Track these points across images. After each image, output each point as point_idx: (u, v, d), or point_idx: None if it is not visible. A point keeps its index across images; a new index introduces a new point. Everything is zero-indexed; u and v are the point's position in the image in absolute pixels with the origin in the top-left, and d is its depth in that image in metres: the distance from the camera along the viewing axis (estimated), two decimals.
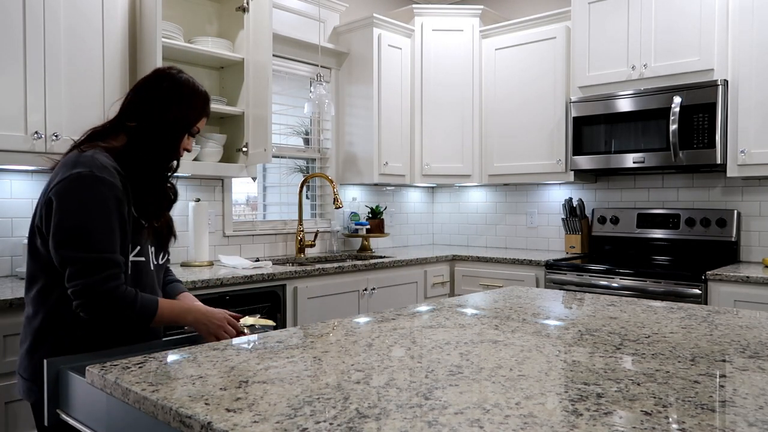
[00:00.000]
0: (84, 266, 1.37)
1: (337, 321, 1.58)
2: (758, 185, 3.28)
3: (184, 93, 1.60)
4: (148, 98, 1.57)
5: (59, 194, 1.40)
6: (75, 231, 1.37)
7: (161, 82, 1.59)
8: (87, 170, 1.40)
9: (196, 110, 1.61)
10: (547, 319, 1.61)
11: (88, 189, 1.39)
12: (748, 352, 1.25)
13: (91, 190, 1.39)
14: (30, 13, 2.32)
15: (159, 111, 1.55)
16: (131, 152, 1.53)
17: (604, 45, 3.39)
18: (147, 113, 1.55)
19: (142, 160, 1.54)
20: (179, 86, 1.60)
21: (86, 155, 1.45)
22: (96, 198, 1.40)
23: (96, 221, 1.39)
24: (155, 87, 1.58)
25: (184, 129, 1.60)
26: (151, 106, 1.55)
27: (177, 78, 1.61)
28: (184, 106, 1.59)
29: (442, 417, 0.86)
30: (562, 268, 3.32)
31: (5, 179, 2.58)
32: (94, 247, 1.38)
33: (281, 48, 3.60)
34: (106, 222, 1.40)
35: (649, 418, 0.86)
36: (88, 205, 1.39)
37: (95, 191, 1.40)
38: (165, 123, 1.56)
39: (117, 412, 1.08)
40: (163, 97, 1.57)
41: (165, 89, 1.58)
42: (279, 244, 3.65)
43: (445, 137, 4.02)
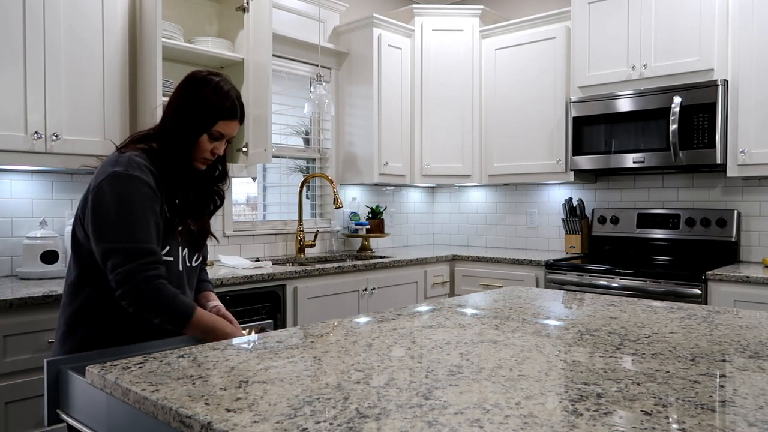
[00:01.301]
0: (124, 255, 1.41)
1: (337, 321, 1.58)
2: (758, 185, 3.28)
3: (199, 91, 1.59)
4: (171, 101, 1.60)
5: (96, 192, 1.46)
6: (113, 224, 1.43)
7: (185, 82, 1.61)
8: (122, 169, 1.46)
9: (209, 110, 1.58)
10: (547, 319, 1.61)
11: (123, 186, 1.45)
12: (748, 352, 1.25)
13: (127, 187, 1.45)
14: (30, 13, 2.32)
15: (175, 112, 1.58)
16: (160, 153, 1.57)
17: (604, 45, 3.39)
18: (168, 116, 1.59)
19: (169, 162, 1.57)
20: (197, 85, 1.60)
21: (123, 156, 1.51)
22: (131, 193, 1.45)
23: (133, 214, 1.44)
24: (180, 88, 1.61)
25: (198, 129, 1.58)
26: (171, 108, 1.59)
27: (200, 78, 1.61)
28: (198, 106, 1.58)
29: (442, 417, 0.86)
30: (562, 268, 3.32)
31: (5, 179, 2.58)
32: (133, 237, 1.43)
33: (281, 48, 3.60)
34: (143, 215, 1.45)
35: (649, 418, 0.86)
36: (125, 200, 1.44)
37: (130, 187, 1.45)
38: (177, 125, 1.58)
39: (117, 412, 1.08)
40: (181, 97, 1.59)
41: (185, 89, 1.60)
42: (279, 244, 3.65)
43: (445, 137, 4.02)
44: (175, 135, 1.58)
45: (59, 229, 2.71)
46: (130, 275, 1.41)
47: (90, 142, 2.50)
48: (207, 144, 1.60)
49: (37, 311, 2.05)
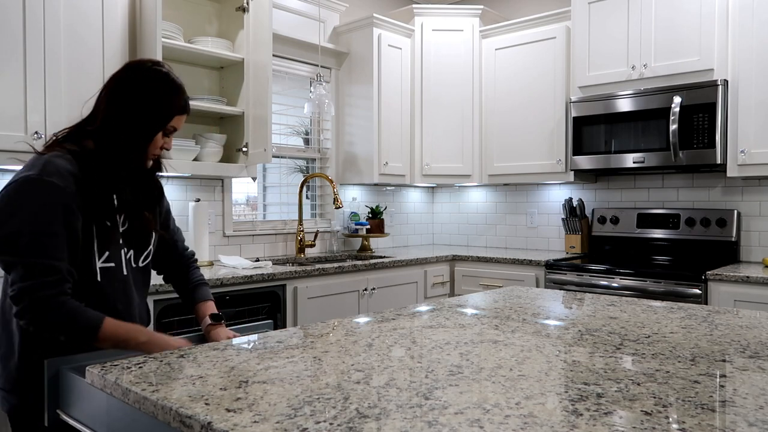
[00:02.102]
0: (24, 271, 1.31)
1: (337, 321, 1.58)
2: (758, 185, 3.28)
3: (153, 87, 1.47)
4: (116, 95, 1.46)
5: (4, 197, 1.34)
6: (12, 236, 1.31)
7: (130, 75, 1.48)
8: (35, 174, 1.34)
9: (167, 106, 1.48)
10: (547, 319, 1.61)
11: (32, 193, 1.33)
12: (748, 352, 1.25)
13: (35, 195, 1.33)
14: (30, 14, 2.32)
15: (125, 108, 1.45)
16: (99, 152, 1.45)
17: (604, 45, 3.39)
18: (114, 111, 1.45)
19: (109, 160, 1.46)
20: (148, 80, 1.47)
21: (42, 158, 1.39)
22: (39, 202, 1.33)
23: (36, 225, 1.32)
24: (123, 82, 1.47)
25: (156, 126, 1.48)
26: (117, 103, 1.45)
27: (147, 71, 1.48)
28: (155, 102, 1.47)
29: (442, 417, 0.86)
30: (562, 268, 3.32)
31: (5, 179, 2.58)
32: (32, 252, 1.31)
33: (281, 48, 3.60)
34: (48, 227, 1.33)
35: (649, 418, 0.86)
36: (29, 209, 1.32)
37: (39, 195, 1.33)
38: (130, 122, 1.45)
39: (117, 412, 1.08)
40: (130, 92, 1.46)
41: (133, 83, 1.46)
42: (279, 244, 3.65)
43: (445, 137, 4.02)
44: (129, 133, 1.45)
45: None
46: (26, 293, 1.30)
47: None
48: (160, 140, 1.51)
49: None
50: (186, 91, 1.54)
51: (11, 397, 1.45)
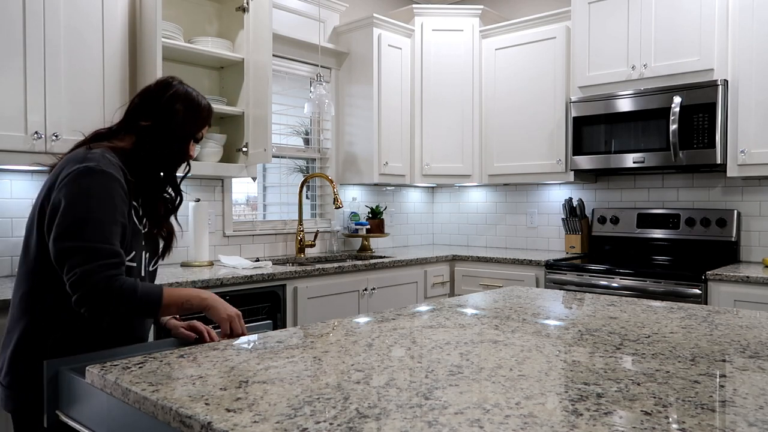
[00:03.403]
0: (82, 255, 1.33)
1: (337, 321, 1.58)
2: (758, 185, 3.28)
3: (190, 101, 1.63)
4: (157, 103, 1.58)
5: (66, 186, 1.38)
6: (77, 222, 1.35)
7: (167, 89, 1.61)
8: (95, 164, 1.40)
9: (201, 119, 1.64)
10: (547, 319, 1.61)
11: (96, 182, 1.39)
12: (748, 352, 1.25)
13: (99, 183, 1.39)
14: (30, 14, 2.32)
15: (168, 116, 1.57)
16: (140, 152, 1.55)
17: (604, 45, 3.39)
18: (157, 117, 1.57)
19: (152, 161, 1.56)
20: (184, 95, 1.62)
21: (95, 152, 1.45)
22: (103, 191, 1.39)
23: (100, 212, 1.37)
24: (162, 94, 1.60)
25: (190, 135, 1.63)
26: (160, 110, 1.57)
27: (181, 88, 1.64)
28: (190, 114, 1.61)
29: (442, 417, 0.86)
30: (562, 268, 3.32)
31: (5, 179, 2.58)
32: (94, 236, 1.35)
33: (281, 48, 3.60)
34: (110, 215, 1.39)
35: (649, 418, 0.86)
36: (95, 197, 1.38)
37: (103, 184, 1.39)
38: (174, 127, 1.58)
39: (117, 413, 1.08)
40: (171, 103, 1.59)
41: (172, 96, 1.60)
42: (279, 244, 3.65)
43: (445, 137, 4.02)
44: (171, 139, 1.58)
45: None
46: (85, 276, 1.32)
47: None
48: (191, 148, 1.65)
49: None
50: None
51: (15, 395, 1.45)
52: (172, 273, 2.68)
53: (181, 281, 2.42)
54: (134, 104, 1.61)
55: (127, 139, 1.57)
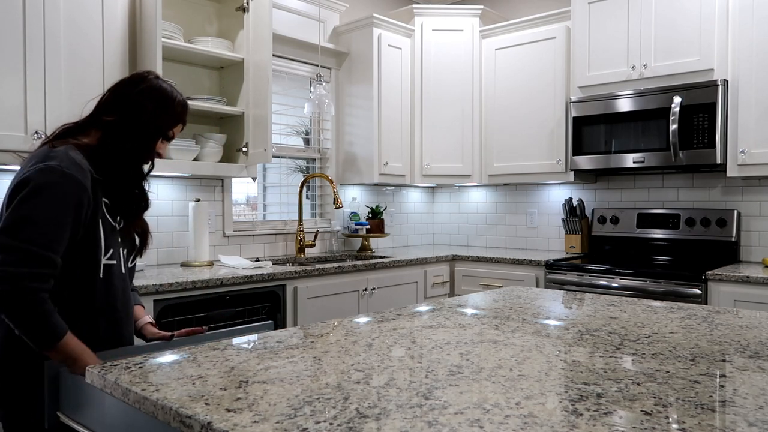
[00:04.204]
0: (16, 255, 1.28)
1: (337, 321, 1.58)
2: (758, 185, 3.28)
3: (162, 97, 1.58)
4: (126, 98, 1.54)
5: (21, 184, 1.34)
6: (21, 220, 1.30)
7: (139, 84, 1.57)
8: (56, 164, 1.36)
9: (173, 116, 1.59)
10: (547, 319, 1.61)
11: (52, 183, 1.34)
12: (748, 352, 1.25)
13: (55, 185, 1.34)
14: (30, 14, 2.32)
15: (136, 111, 1.53)
16: (105, 149, 1.51)
17: (604, 45, 3.39)
18: (124, 112, 1.53)
19: (116, 158, 1.51)
20: (157, 90, 1.58)
21: (59, 150, 1.41)
22: (57, 193, 1.34)
23: (48, 213, 1.32)
24: (133, 88, 1.56)
25: (159, 132, 1.58)
26: (128, 105, 1.53)
27: (155, 83, 1.59)
28: (161, 110, 1.56)
29: (442, 417, 0.86)
30: (562, 268, 3.32)
31: (5, 179, 2.58)
32: (35, 240, 1.30)
33: (281, 48, 3.60)
34: (58, 220, 1.34)
35: (649, 418, 0.86)
36: (46, 198, 1.33)
37: (58, 187, 1.34)
38: (141, 123, 1.54)
39: (117, 412, 1.08)
40: (140, 98, 1.55)
41: (143, 91, 1.56)
42: (279, 244, 3.65)
43: (445, 137, 4.02)
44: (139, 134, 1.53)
45: None
46: (13, 278, 1.27)
47: None
48: (161, 146, 1.61)
49: None
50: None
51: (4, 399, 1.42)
52: (172, 273, 2.69)
53: (181, 281, 2.42)
54: (104, 98, 1.57)
55: (93, 134, 1.54)
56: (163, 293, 2.38)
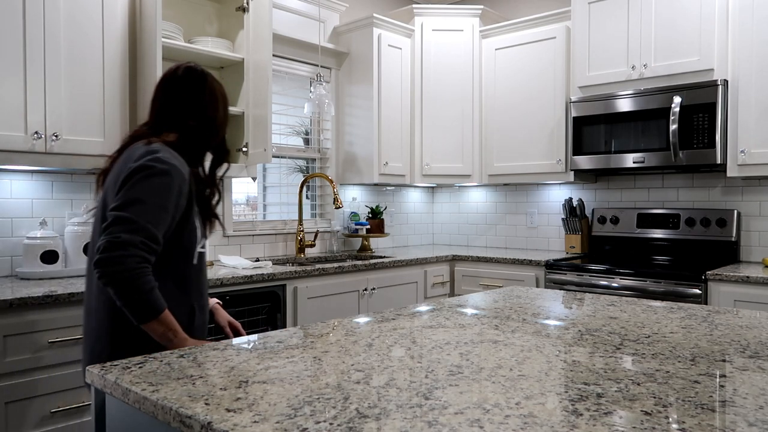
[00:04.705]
0: (128, 226, 1.39)
1: (337, 321, 1.58)
2: (758, 185, 3.28)
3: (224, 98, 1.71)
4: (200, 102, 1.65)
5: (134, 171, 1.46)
6: (132, 201, 1.42)
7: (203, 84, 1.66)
8: (162, 156, 1.49)
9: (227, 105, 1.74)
10: (547, 319, 1.61)
11: (159, 171, 1.46)
12: (748, 352, 1.25)
13: (162, 173, 1.46)
14: (30, 14, 2.32)
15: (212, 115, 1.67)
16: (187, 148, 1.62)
17: (604, 45, 3.39)
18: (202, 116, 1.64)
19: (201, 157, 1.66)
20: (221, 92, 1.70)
21: (157, 146, 1.53)
22: (163, 181, 1.46)
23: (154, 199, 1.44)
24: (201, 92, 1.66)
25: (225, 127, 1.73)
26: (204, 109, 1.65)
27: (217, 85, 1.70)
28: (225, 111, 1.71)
29: (442, 417, 0.86)
30: (562, 268, 3.32)
31: (5, 179, 2.58)
32: (143, 216, 1.41)
33: (281, 48, 3.60)
34: (163, 204, 1.45)
35: (649, 418, 0.86)
36: (154, 184, 1.45)
37: (165, 175, 1.47)
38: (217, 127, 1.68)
39: (117, 412, 1.08)
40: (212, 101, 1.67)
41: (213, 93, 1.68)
42: (279, 244, 3.65)
43: (445, 137, 4.02)
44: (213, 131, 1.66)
45: (59, 229, 2.71)
46: (126, 245, 1.36)
47: (90, 142, 2.50)
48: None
49: (37, 311, 2.05)
50: None
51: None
52: None
53: None
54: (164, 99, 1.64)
55: (170, 135, 1.62)
56: None
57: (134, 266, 1.37)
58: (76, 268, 2.56)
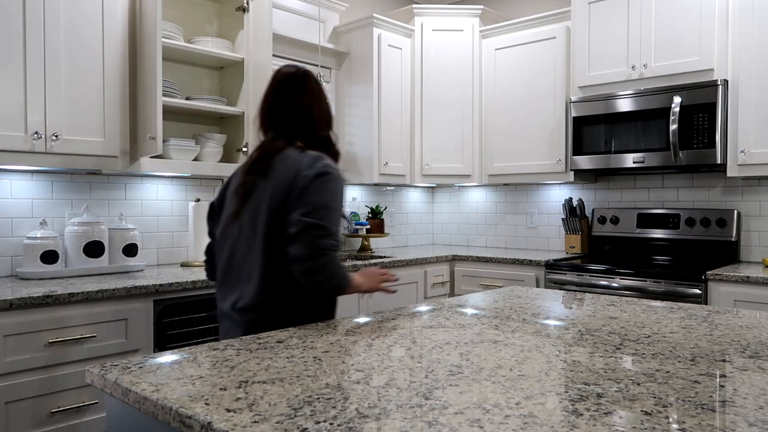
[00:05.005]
0: (331, 236, 1.59)
1: (337, 321, 1.58)
2: (758, 185, 3.28)
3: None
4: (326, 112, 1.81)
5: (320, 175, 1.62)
6: (324, 206, 1.59)
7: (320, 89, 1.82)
8: (332, 164, 1.68)
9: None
10: (547, 319, 1.61)
11: (336, 178, 1.66)
12: (748, 352, 1.25)
13: (337, 180, 1.66)
14: (30, 14, 2.32)
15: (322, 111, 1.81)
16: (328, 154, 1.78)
17: (604, 45, 3.39)
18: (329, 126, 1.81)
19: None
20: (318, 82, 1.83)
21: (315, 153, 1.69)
22: (339, 186, 1.66)
23: (335, 204, 1.63)
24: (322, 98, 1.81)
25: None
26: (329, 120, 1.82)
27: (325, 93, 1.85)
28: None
29: (442, 417, 0.86)
30: (562, 268, 3.32)
31: (5, 179, 2.58)
32: (332, 222, 1.61)
33: (281, 48, 3.60)
34: (338, 207, 1.65)
35: (649, 418, 0.86)
36: (335, 190, 1.64)
37: (339, 182, 1.66)
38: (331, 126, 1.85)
39: (117, 412, 1.08)
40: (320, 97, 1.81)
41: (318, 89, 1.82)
42: None
43: (445, 137, 4.02)
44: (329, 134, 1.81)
45: (59, 229, 2.71)
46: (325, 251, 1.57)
47: (90, 142, 2.50)
48: None
49: (37, 311, 2.05)
50: None
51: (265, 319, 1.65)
52: (172, 273, 2.69)
53: (181, 281, 2.42)
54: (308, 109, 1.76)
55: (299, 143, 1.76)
56: (163, 293, 2.38)
57: (335, 269, 1.59)
58: (76, 268, 2.56)
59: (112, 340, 2.22)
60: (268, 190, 1.64)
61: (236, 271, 1.68)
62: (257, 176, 1.68)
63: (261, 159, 1.71)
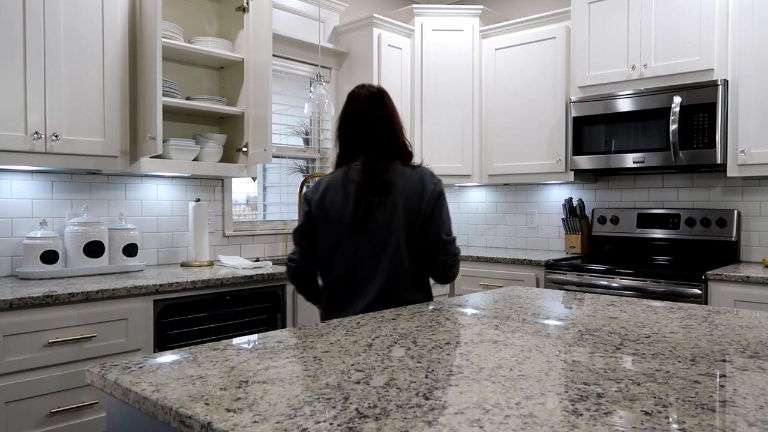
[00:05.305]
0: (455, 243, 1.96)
1: (337, 321, 1.58)
2: (758, 185, 3.28)
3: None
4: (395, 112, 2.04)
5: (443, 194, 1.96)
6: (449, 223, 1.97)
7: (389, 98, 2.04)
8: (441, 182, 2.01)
9: None
10: (547, 319, 1.61)
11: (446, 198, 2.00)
12: (748, 352, 1.25)
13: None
14: (30, 14, 2.32)
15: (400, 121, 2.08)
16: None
17: (604, 45, 3.39)
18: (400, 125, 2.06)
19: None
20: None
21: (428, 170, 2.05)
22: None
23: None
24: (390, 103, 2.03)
25: None
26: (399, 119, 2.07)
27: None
28: None
29: (442, 417, 0.86)
30: (562, 268, 3.32)
31: (5, 179, 2.58)
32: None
33: (281, 48, 3.60)
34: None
35: (649, 418, 0.86)
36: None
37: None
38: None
39: (117, 412, 1.08)
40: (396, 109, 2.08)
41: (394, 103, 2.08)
42: (279, 244, 3.65)
43: (445, 137, 4.02)
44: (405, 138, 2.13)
45: (59, 229, 2.71)
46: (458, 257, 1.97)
47: (90, 142, 2.50)
48: None
49: (37, 311, 2.05)
50: None
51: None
52: (172, 273, 2.69)
53: (181, 281, 2.42)
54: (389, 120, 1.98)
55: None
56: (163, 293, 2.38)
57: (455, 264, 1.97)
58: (76, 268, 2.56)
59: (112, 340, 2.23)
60: (400, 203, 1.88)
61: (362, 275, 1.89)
62: (378, 193, 1.87)
63: (375, 176, 1.90)
